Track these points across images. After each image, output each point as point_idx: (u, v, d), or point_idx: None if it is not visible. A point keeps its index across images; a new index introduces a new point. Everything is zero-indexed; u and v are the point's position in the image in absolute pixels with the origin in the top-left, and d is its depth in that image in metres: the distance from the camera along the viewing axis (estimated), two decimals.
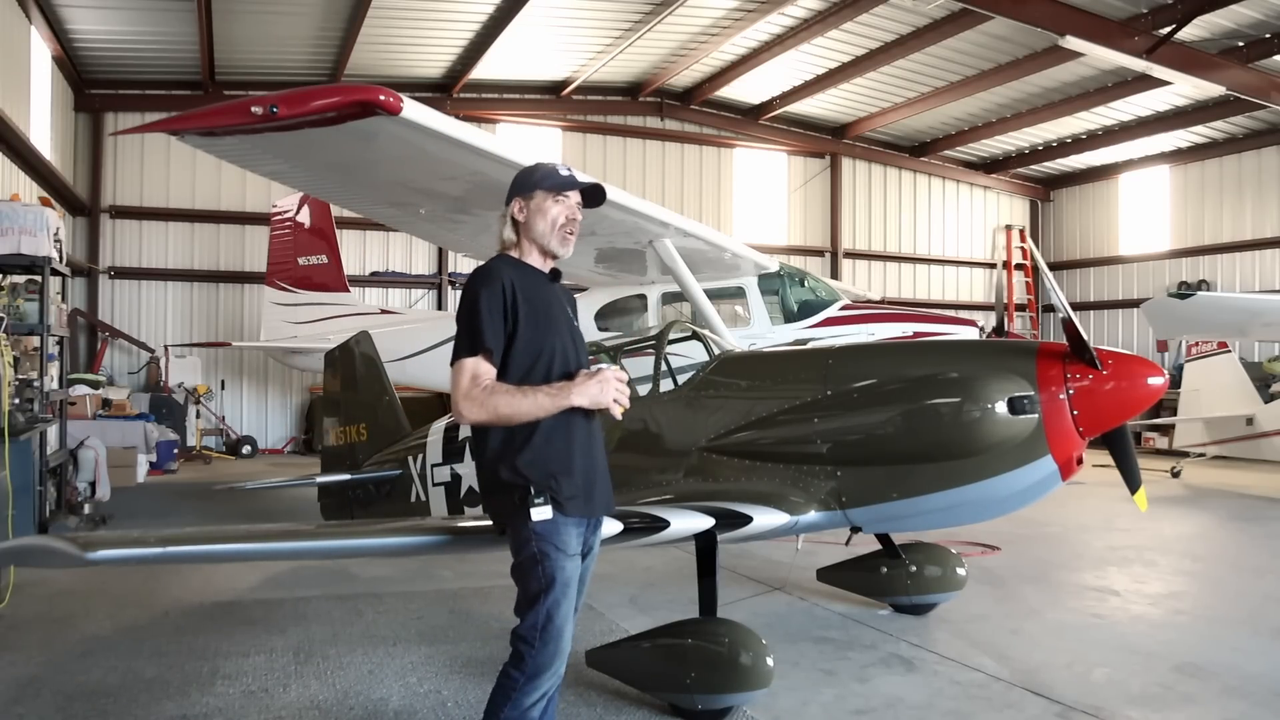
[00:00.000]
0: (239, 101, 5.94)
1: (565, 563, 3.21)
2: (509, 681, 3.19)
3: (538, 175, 3.43)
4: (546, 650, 3.16)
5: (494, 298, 3.22)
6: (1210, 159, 20.56)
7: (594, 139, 20.28)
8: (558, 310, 3.40)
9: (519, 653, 3.18)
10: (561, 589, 3.19)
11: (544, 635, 3.16)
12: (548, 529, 3.18)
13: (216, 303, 18.18)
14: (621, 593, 6.97)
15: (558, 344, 3.32)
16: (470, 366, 3.19)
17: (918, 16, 15.58)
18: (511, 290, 3.24)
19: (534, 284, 3.35)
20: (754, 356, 6.45)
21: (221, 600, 6.80)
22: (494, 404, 3.15)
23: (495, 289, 3.23)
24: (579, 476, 3.27)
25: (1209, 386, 13.96)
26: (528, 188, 3.41)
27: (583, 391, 3.19)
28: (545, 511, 3.16)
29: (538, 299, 3.32)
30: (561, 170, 3.44)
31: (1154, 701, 4.75)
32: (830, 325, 11.80)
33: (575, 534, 3.27)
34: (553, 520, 3.18)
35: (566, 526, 3.23)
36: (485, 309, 3.20)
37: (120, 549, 3.19)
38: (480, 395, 3.15)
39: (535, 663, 3.16)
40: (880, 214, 23.07)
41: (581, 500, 3.28)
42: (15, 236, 8.50)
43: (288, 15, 14.99)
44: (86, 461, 10.97)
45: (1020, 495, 4.90)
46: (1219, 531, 10.24)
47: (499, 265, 3.35)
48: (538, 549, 3.18)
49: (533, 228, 3.39)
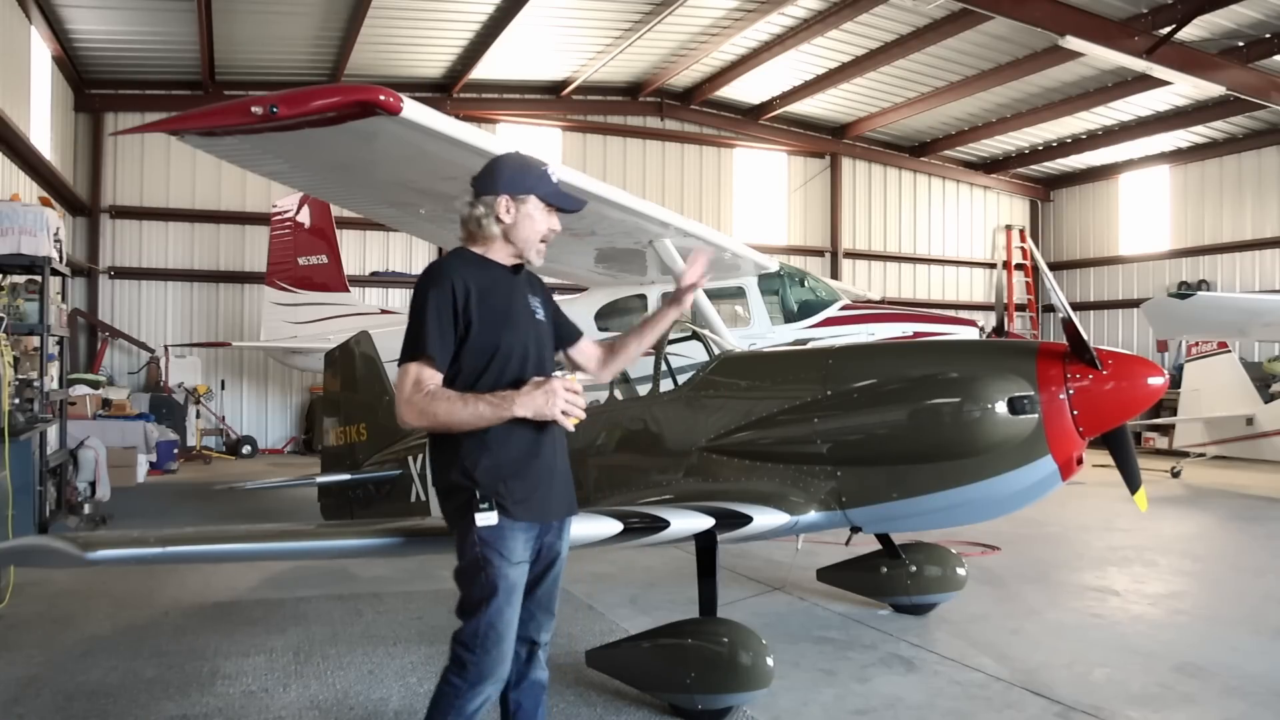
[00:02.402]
0: (239, 101, 5.93)
1: (509, 570, 3.10)
2: (451, 689, 3.11)
3: (532, 178, 3.28)
4: (489, 657, 3.09)
5: (442, 300, 3.09)
6: (1210, 159, 20.56)
7: (594, 139, 20.28)
8: (519, 307, 3.27)
9: (460, 659, 3.10)
10: (504, 596, 3.09)
11: (485, 643, 3.08)
12: (492, 535, 3.08)
13: (216, 303, 18.18)
14: (621, 593, 6.97)
15: (515, 343, 3.19)
16: (414, 371, 3.07)
17: (918, 16, 15.58)
18: (465, 291, 3.11)
19: (494, 281, 3.22)
20: (754, 356, 6.45)
21: (221, 600, 6.80)
22: (433, 410, 3.03)
23: (444, 291, 3.10)
24: (532, 480, 3.16)
25: (1209, 386, 13.95)
26: (521, 188, 3.25)
27: (527, 402, 3.04)
28: (490, 517, 3.06)
29: (496, 297, 3.19)
30: (553, 176, 3.32)
31: (1154, 701, 4.75)
32: (830, 325, 11.80)
33: (523, 540, 3.15)
34: (498, 526, 3.07)
35: (514, 532, 3.11)
36: (432, 313, 3.08)
37: (120, 549, 3.19)
38: (421, 401, 3.04)
39: (478, 670, 3.08)
40: (880, 214, 23.07)
41: (534, 505, 3.17)
42: (15, 236, 8.50)
43: (288, 15, 14.99)
44: (86, 461, 10.96)
45: (1020, 495, 4.89)
46: (1219, 531, 10.25)
47: (453, 264, 3.21)
48: (481, 554, 3.08)
49: (518, 232, 3.25)
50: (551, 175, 3.32)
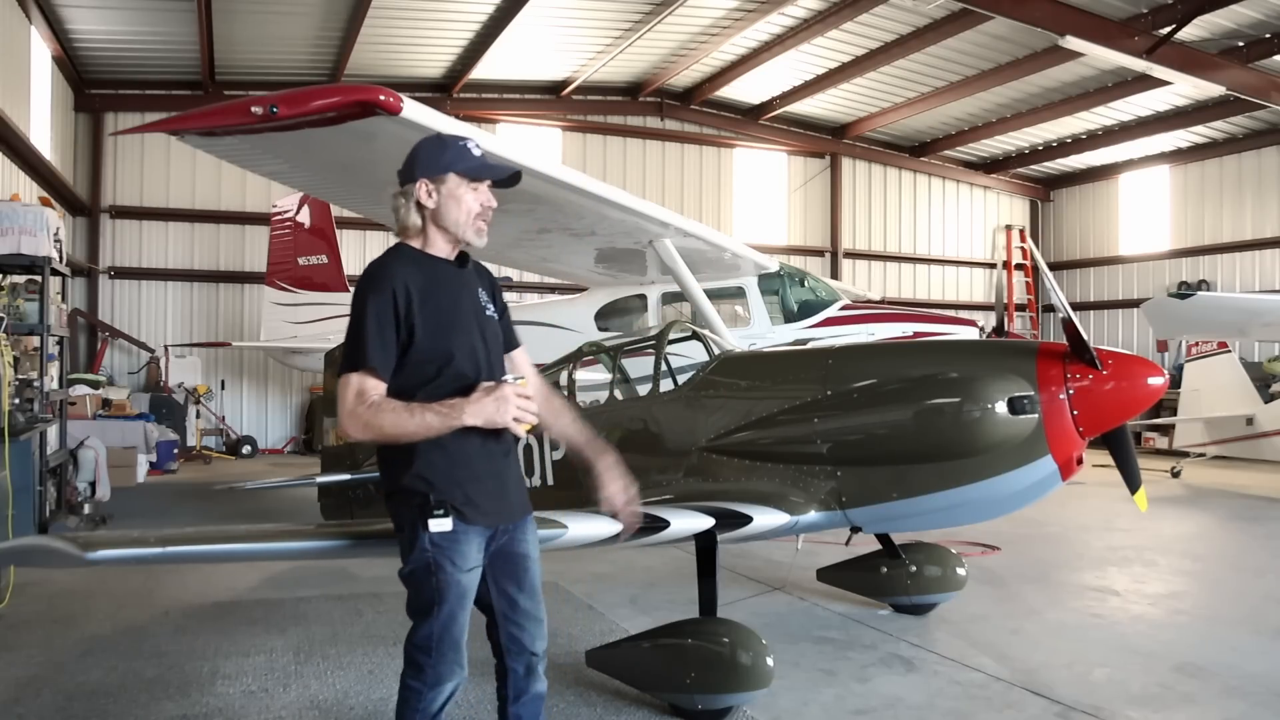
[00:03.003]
0: (239, 101, 5.94)
1: (460, 577, 3.02)
2: (412, 693, 3.06)
3: (449, 155, 3.08)
4: (445, 660, 3.04)
5: (382, 307, 2.95)
6: (1210, 159, 20.55)
7: (594, 139, 20.28)
8: (466, 305, 3.13)
9: (417, 663, 3.06)
10: (456, 601, 3.02)
11: (441, 647, 3.03)
12: (446, 540, 2.98)
13: (216, 303, 18.17)
14: (621, 593, 6.97)
15: (464, 346, 3.06)
16: (355, 382, 2.94)
17: (918, 16, 15.58)
18: (405, 295, 2.96)
19: (437, 279, 3.07)
20: (754, 356, 6.45)
21: (221, 600, 6.80)
22: (379, 423, 2.90)
23: (384, 297, 2.95)
24: (487, 484, 3.08)
25: (1209, 386, 13.95)
26: (437, 168, 3.06)
27: (477, 411, 2.91)
28: (445, 524, 2.96)
29: (440, 297, 3.04)
30: (474, 150, 3.10)
31: (1154, 701, 4.75)
32: (830, 325, 11.81)
33: (476, 545, 3.06)
34: (452, 532, 2.98)
35: (467, 537, 3.03)
36: (372, 322, 2.94)
37: (120, 549, 3.19)
38: (365, 413, 2.91)
39: (435, 673, 3.04)
40: (880, 214, 23.07)
41: (489, 509, 3.08)
42: (15, 236, 8.50)
43: (288, 15, 14.98)
44: (86, 461, 10.96)
45: (1020, 495, 4.89)
46: (1219, 531, 10.24)
47: (392, 264, 3.05)
48: (433, 560, 2.99)
49: (445, 216, 3.07)
50: (473, 149, 3.11)
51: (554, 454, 6.13)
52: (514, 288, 19.37)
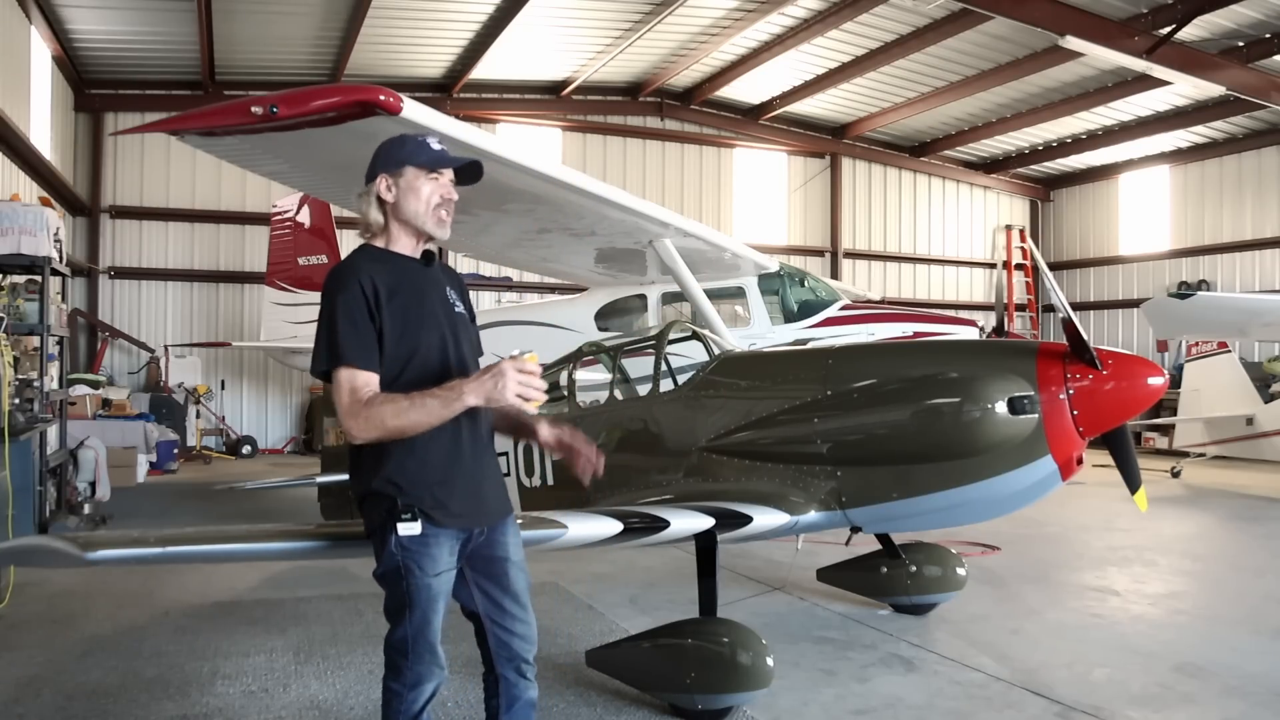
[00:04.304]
0: (239, 101, 5.93)
1: (430, 581, 2.97)
2: (393, 695, 3.05)
3: (406, 149, 3.09)
4: (422, 661, 3.02)
5: (353, 303, 2.92)
6: (1210, 159, 20.56)
7: (594, 139, 20.28)
8: (434, 301, 3.09)
9: (396, 665, 3.04)
10: (428, 604, 2.99)
11: (417, 649, 3.01)
12: (414, 545, 2.94)
13: (216, 303, 18.18)
14: (621, 593, 6.97)
15: (434, 340, 3.03)
16: (345, 379, 2.90)
17: (918, 16, 15.58)
18: (373, 291, 2.94)
19: (403, 276, 3.05)
20: (754, 356, 6.45)
21: (221, 600, 6.80)
22: (380, 417, 2.84)
23: (353, 293, 2.93)
24: (458, 485, 3.01)
25: (1209, 386, 13.95)
26: (395, 163, 3.07)
27: (477, 389, 2.82)
28: (413, 528, 2.91)
29: (408, 293, 3.02)
30: (433, 144, 3.12)
31: (1154, 701, 4.75)
32: (830, 325, 11.81)
33: (448, 548, 3.01)
34: (420, 536, 2.93)
35: (438, 540, 2.97)
36: (344, 318, 2.91)
37: (120, 549, 3.18)
38: (365, 411, 2.86)
39: (414, 674, 3.02)
40: (880, 214, 23.07)
41: (460, 511, 3.03)
42: (15, 236, 8.50)
43: (288, 15, 14.99)
44: (86, 461, 10.96)
45: (1020, 495, 4.89)
46: (1219, 531, 10.24)
47: (358, 262, 3.04)
48: (402, 563, 2.96)
49: (404, 209, 3.06)
50: (431, 144, 3.12)
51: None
52: (514, 288, 19.39)
